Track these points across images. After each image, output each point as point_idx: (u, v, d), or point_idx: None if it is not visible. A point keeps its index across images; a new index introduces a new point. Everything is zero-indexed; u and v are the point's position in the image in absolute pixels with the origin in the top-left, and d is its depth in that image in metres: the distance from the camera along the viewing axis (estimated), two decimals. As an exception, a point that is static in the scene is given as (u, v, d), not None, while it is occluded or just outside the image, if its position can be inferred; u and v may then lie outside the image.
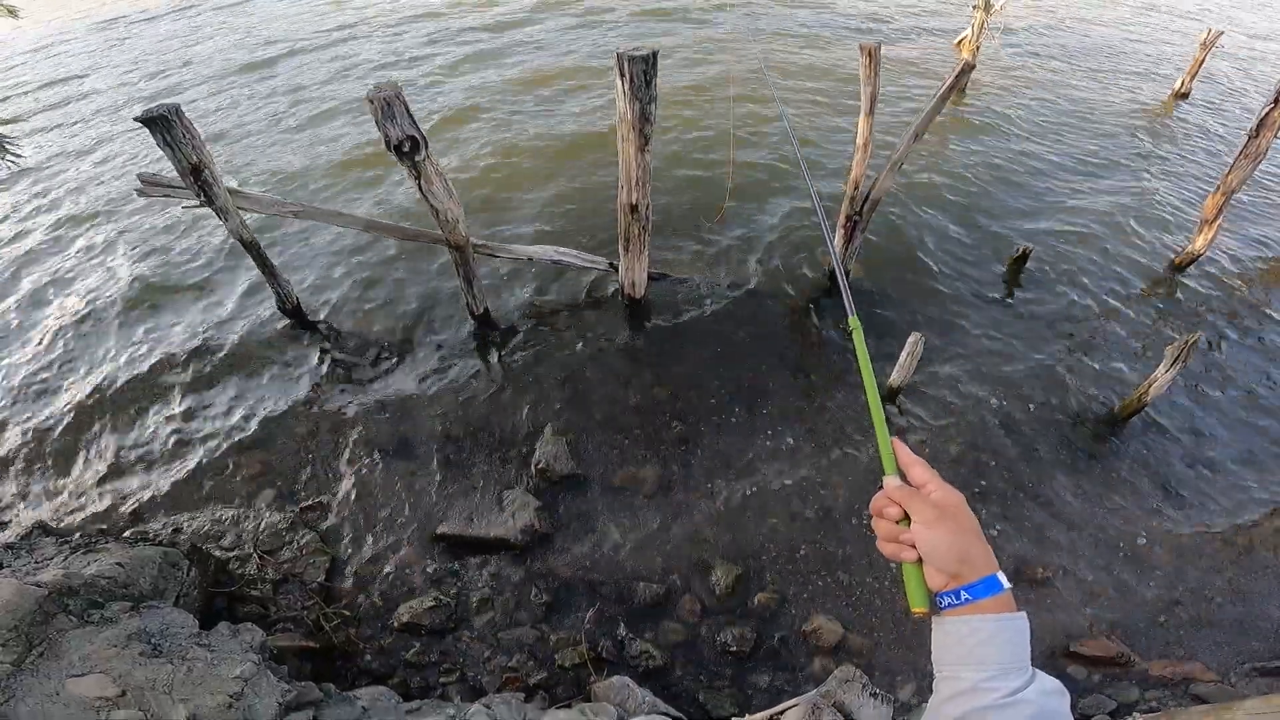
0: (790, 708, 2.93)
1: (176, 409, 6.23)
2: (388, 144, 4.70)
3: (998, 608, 0.88)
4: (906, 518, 0.98)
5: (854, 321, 1.34)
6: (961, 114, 11.90)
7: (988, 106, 12.29)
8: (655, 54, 4.71)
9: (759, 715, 3.05)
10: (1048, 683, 0.86)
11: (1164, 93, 13.39)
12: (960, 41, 14.87)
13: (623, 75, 4.76)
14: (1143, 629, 4.72)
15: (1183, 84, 13.18)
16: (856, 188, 6.32)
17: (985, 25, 11.88)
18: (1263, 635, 4.71)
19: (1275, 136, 6.67)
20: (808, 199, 8.91)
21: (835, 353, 6.72)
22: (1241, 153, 6.96)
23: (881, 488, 1.05)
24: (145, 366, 6.68)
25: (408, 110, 4.58)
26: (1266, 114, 6.59)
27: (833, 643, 4.44)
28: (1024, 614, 0.89)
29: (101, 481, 5.65)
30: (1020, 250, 7.72)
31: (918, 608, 0.94)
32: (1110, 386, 6.44)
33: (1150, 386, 5.63)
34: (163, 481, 5.59)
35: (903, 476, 1.04)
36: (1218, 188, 7.30)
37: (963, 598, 0.90)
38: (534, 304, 7.21)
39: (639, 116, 5.04)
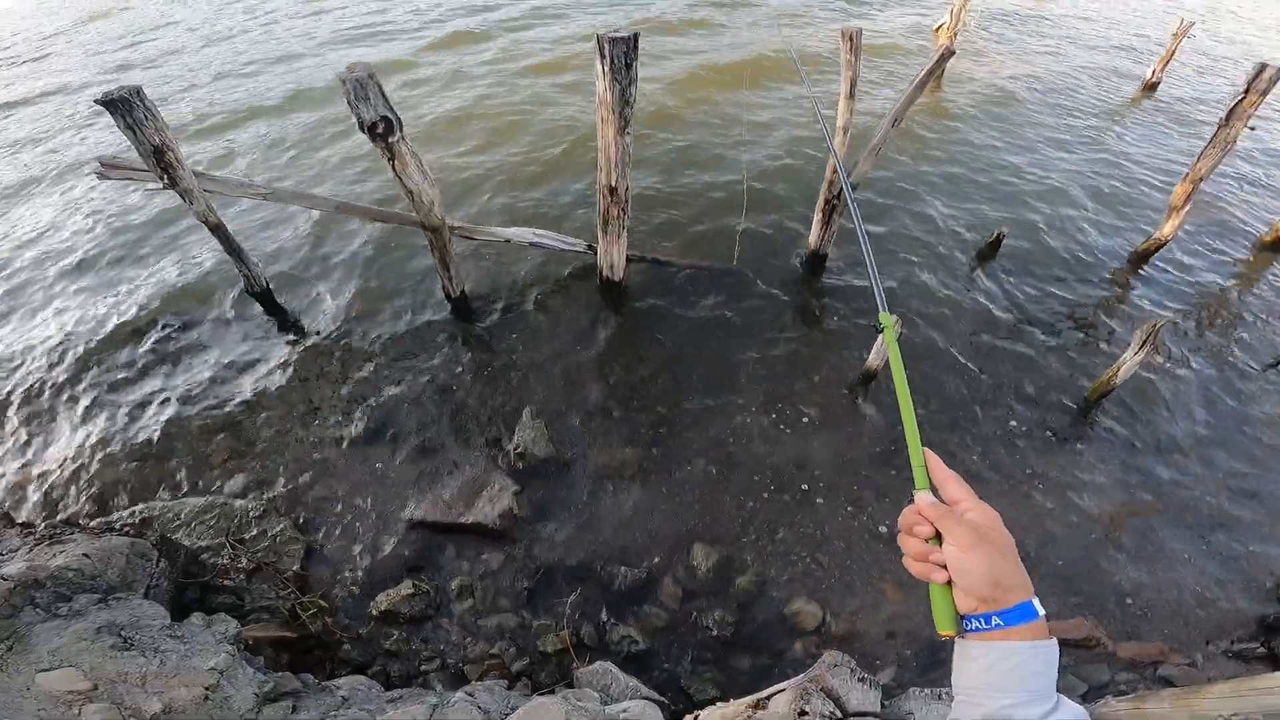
0: (778, 692, 2.97)
1: (140, 394, 6.07)
2: (361, 125, 4.57)
3: (1030, 635, 0.86)
4: (938, 535, 0.94)
5: (885, 319, 1.28)
6: (940, 100, 11.95)
7: (965, 93, 12.37)
8: (636, 36, 4.64)
9: (745, 700, 3.08)
10: (1070, 710, 0.85)
11: (1136, 82, 13.59)
12: (939, 28, 14.93)
13: (603, 57, 4.68)
14: (1111, 610, 4.82)
15: (1154, 73, 13.37)
16: (835, 172, 6.31)
17: (964, 11, 11.91)
18: (1227, 617, 4.85)
19: (1245, 125, 6.82)
20: (794, 185, 8.91)
21: (814, 336, 6.75)
22: (1211, 141, 7.11)
23: (912, 502, 1.00)
24: (106, 351, 6.50)
25: (381, 90, 4.45)
26: (1237, 103, 6.75)
27: (814, 625, 4.49)
28: (1054, 640, 0.87)
29: (64, 470, 5.49)
30: (996, 234, 7.80)
31: (945, 630, 0.90)
32: (1081, 369, 6.55)
33: (1119, 369, 5.71)
34: (129, 469, 5.44)
35: (935, 492, 1.00)
36: (1186, 175, 7.47)
37: (993, 623, 0.87)
38: (512, 286, 7.12)
39: (618, 99, 4.97)
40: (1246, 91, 6.64)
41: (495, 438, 5.63)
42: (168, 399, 6.02)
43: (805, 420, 5.87)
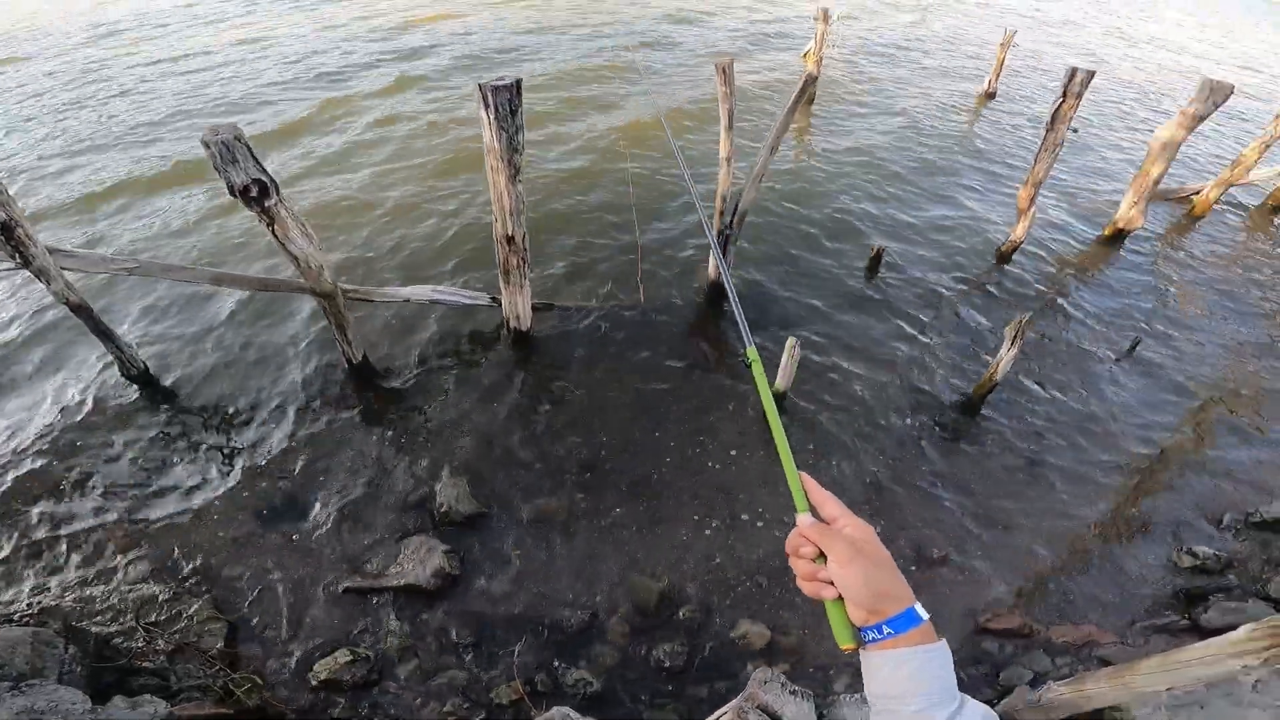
0: (722, 715, 2.95)
1: (19, 481, 5.45)
2: (231, 190, 4.29)
3: (919, 639, 0.90)
4: (823, 555, 0.98)
5: (752, 353, 1.35)
6: (811, 123, 12.79)
7: (832, 114, 13.33)
8: (519, 83, 4.70)
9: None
10: (976, 708, 0.89)
11: (976, 92, 15.08)
12: (806, 53, 15.99)
13: (487, 106, 4.69)
14: (1036, 598, 5.10)
15: (989, 83, 14.86)
16: (724, 202, 6.58)
17: (825, 36, 12.82)
18: (1141, 594, 5.21)
19: (1067, 128, 7.54)
20: (685, 219, 9.20)
21: (726, 365, 6.91)
22: (1042, 145, 7.75)
23: (795, 526, 1.03)
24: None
25: (250, 151, 4.19)
26: (1057, 107, 7.33)
27: (762, 645, 4.52)
28: (944, 642, 0.91)
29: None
30: (875, 250, 8.33)
31: (845, 644, 0.94)
32: (963, 370, 7.04)
33: (998, 366, 6.08)
34: (18, 564, 4.88)
35: (814, 513, 1.04)
36: (1027, 180, 8.14)
37: (885, 632, 0.91)
38: (416, 346, 6.90)
39: (507, 147, 4.99)
40: (1064, 96, 7.16)
41: (418, 499, 5.39)
42: (53, 486, 5.41)
43: (727, 448, 5.97)
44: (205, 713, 3.80)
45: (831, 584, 0.95)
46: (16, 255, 4.82)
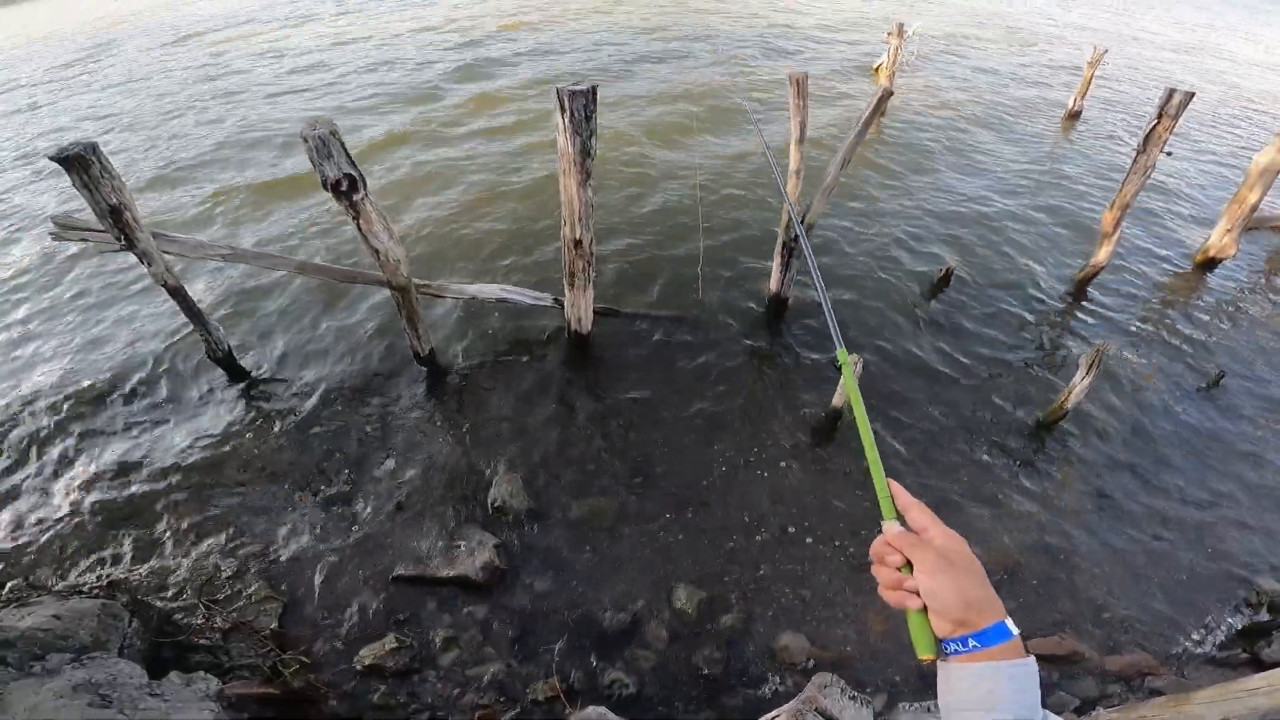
0: (773, 718, 2.94)
1: (103, 460, 5.89)
2: (324, 184, 4.61)
3: (1007, 654, 0.88)
4: (909, 564, 0.97)
5: (843, 355, 1.32)
6: (882, 139, 12.57)
7: (905, 131, 13.05)
8: (595, 89, 4.81)
9: (743, 731, 3.04)
10: None
11: (1060, 112, 14.51)
12: (877, 67, 15.73)
13: (563, 111, 4.83)
14: (1089, 626, 4.91)
15: (1075, 102, 14.27)
16: (790, 215, 6.55)
17: (900, 51, 12.60)
18: (1199, 627, 4.98)
19: (1161, 151, 7.16)
20: (745, 231, 9.20)
21: (781, 378, 6.88)
22: (1132, 168, 7.41)
23: (880, 533, 1.02)
24: (63, 417, 6.31)
25: (344, 147, 4.50)
26: (1151, 129, 6.97)
27: (801, 659, 4.47)
28: (1032, 659, 0.89)
29: (23, 535, 5.28)
30: (944, 270, 8.13)
31: (924, 655, 0.93)
32: (1035, 395, 6.80)
33: (1070, 394, 5.90)
34: (93, 534, 5.26)
35: (902, 521, 1.03)
36: (1113, 203, 7.78)
37: (970, 645, 0.89)
38: (480, 343, 7.13)
39: (580, 151, 5.10)
40: (1159, 118, 6.80)
41: (472, 493, 5.56)
42: (132, 464, 5.84)
43: (778, 460, 5.94)
44: (253, 692, 3.97)
45: (916, 594, 0.94)
46: (122, 237, 5.21)
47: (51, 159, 4.65)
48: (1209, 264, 9.07)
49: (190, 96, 15.16)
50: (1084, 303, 8.30)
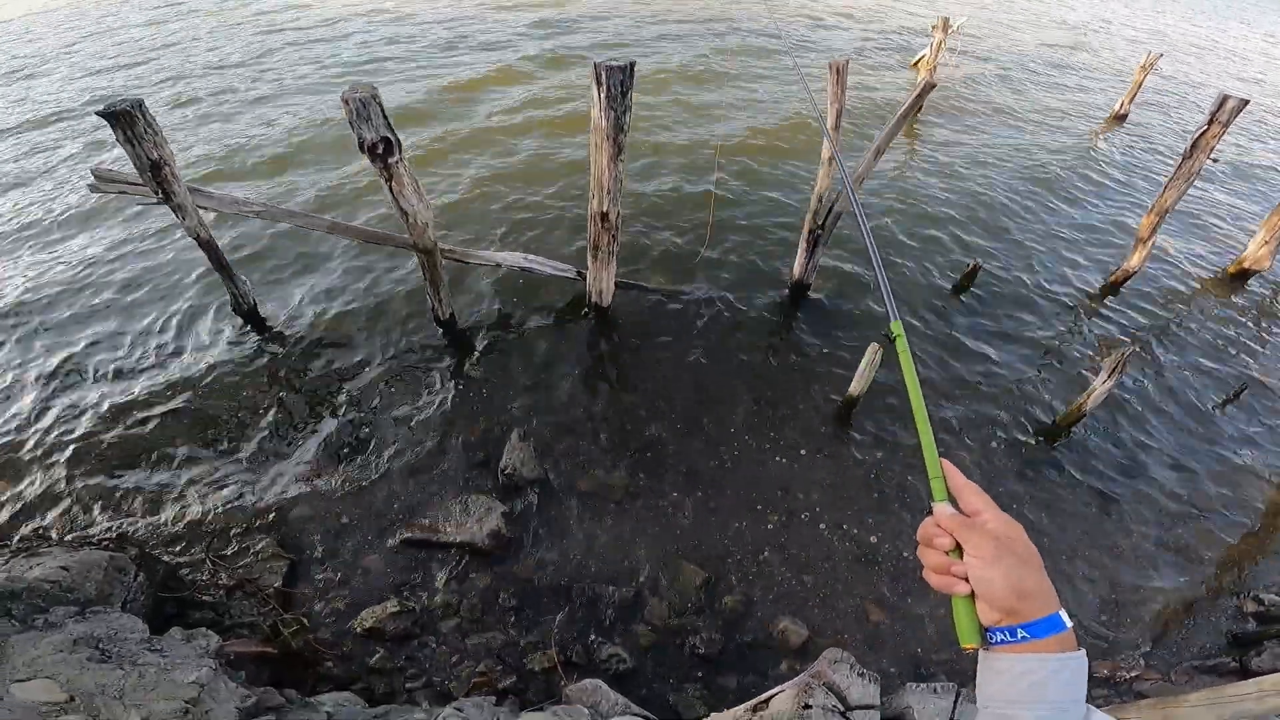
0: (777, 693, 3.00)
1: (118, 407, 5.99)
2: (361, 146, 4.65)
3: (1057, 646, 0.83)
4: (958, 548, 0.92)
5: (897, 327, 1.23)
6: (918, 133, 12.35)
7: (943, 126, 12.81)
8: (633, 65, 4.79)
9: (738, 708, 3.09)
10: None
11: (1104, 115, 14.17)
12: (917, 61, 15.43)
13: (599, 85, 4.82)
14: (1085, 629, 4.92)
15: (1122, 105, 13.93)
16: (820, 201, 6.49)
17: (943, 45, 12.36)
18: (1196, 634, 4.99)
19: (1208, 157, 6.99)
20: (775, 213, 9.14)
21: (797, 363, 6.86)
22: (1175, 173, 7.25)
23: (930, 513, 0.97)
24: (84, 362, 6.46)
25: (383, 111, 4.54)
26: (1200, 135, 6.82)
27: (798, 644, 4.51)
28: (1083, 651, 0.85)
29: (37, 484, 5.38)
30: (970, 266, 8.02)
31: (968, 643, 0.89)
32: (1052, 397, 6.73)
33: (1089, 397, 5.83)
34: (105, 484, 5.34)
35: (954, 503, 0.97)
36: (1152, 208, 7.63)
37: (1019, 635, 0.85)
38: (500, 310, 7.18)
39: (613, 126, 5.09)
40: (1210, 123, 6.67)
41: (483, 459, 5.62)
42: (147, 416, 5.93)
43: (790, 444, 5.95)
44: (251, 650, 4.04)
45: (964, 579, 0.90)
46: (160, 191, 5.31)
47: (99, 114, 4.74)
48: (1242, 275, 8.88)
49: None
50: (1112, 305, 8.17)
